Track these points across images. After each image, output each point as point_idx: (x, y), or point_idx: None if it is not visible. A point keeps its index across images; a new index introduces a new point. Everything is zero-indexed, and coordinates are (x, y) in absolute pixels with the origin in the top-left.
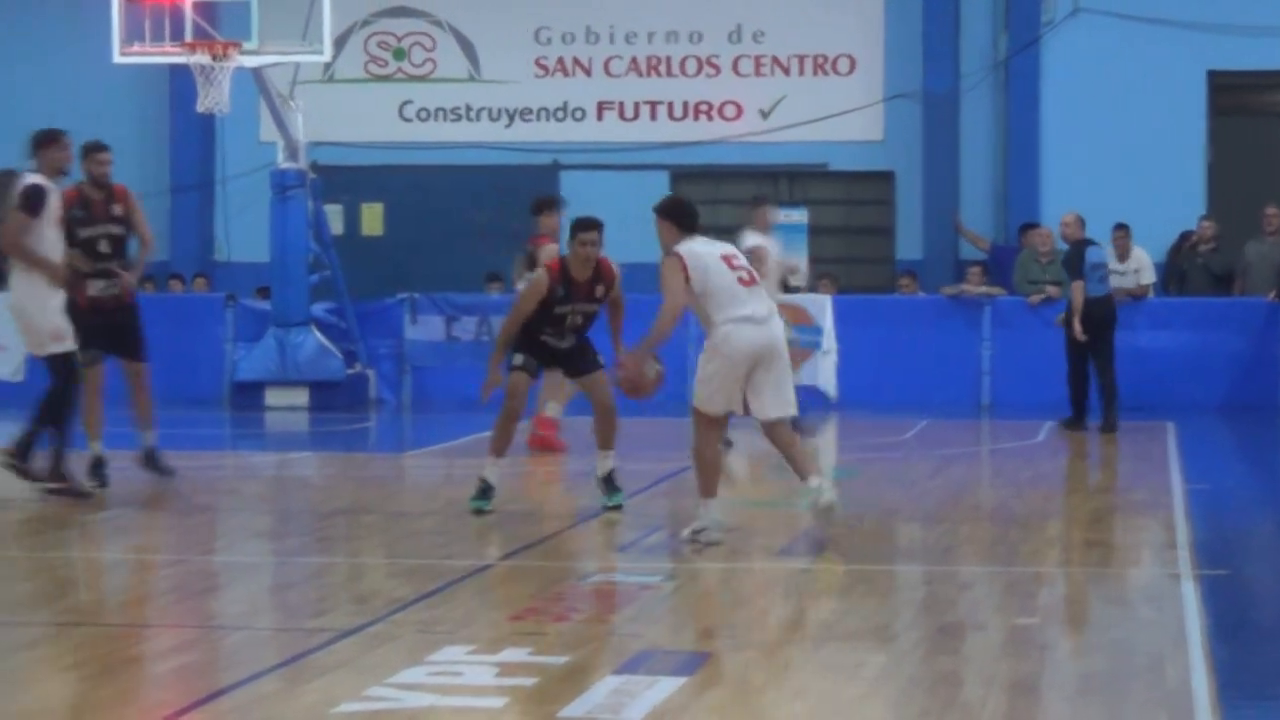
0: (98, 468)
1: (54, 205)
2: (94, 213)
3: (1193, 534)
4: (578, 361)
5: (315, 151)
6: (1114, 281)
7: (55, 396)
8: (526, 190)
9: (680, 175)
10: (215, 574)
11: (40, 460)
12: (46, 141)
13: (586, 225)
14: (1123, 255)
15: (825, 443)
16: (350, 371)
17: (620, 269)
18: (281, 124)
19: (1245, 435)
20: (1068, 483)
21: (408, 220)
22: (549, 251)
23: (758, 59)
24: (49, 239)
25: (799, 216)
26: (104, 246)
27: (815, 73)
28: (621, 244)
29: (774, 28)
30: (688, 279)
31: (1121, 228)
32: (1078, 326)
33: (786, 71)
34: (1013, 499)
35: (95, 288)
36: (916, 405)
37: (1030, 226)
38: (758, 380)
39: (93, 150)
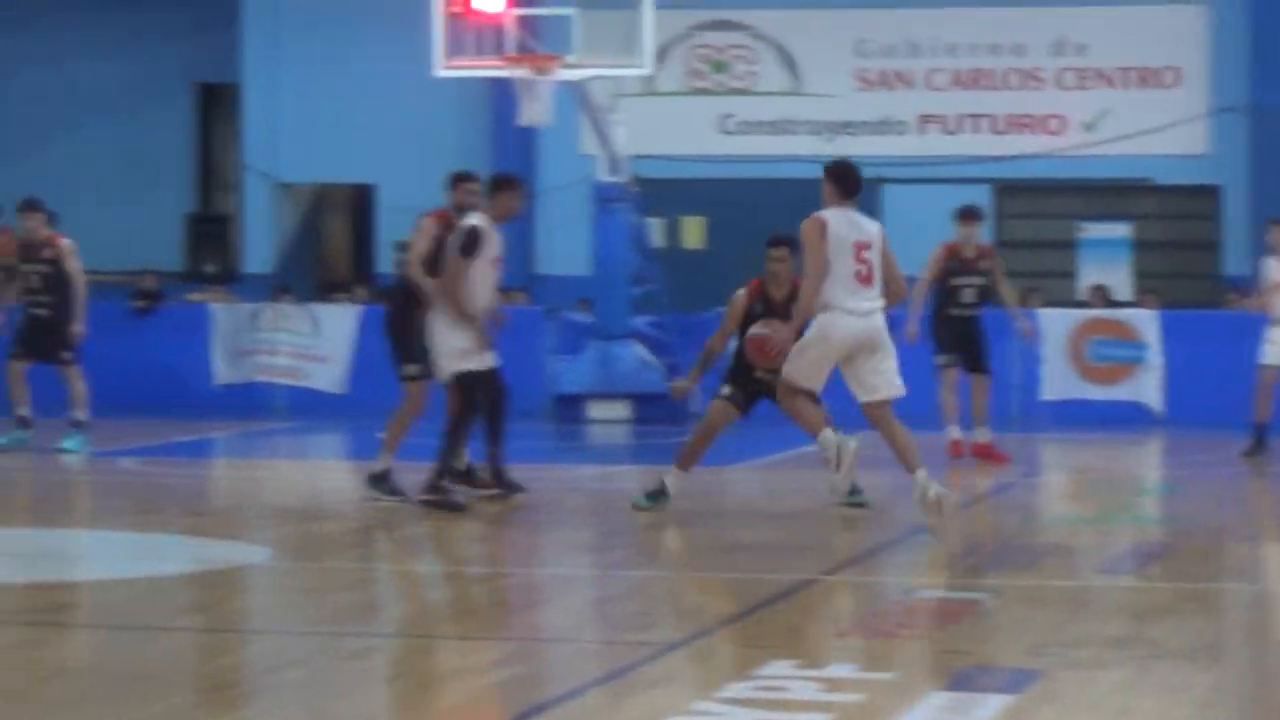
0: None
1: (491, 246)
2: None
3: None
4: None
5: (636, 164)
6: None
7: (459, 422)
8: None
9: (1002, 188)
10: (539, 587)
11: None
12: (504, 187)
13: (776, 242)
14: None
15: (1150, 458)
16: (671, 384)
17: None
18: (602, 137)
19: None
20: None
21: (729, 233)
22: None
23: (1081, 71)
24: (481, 279)
25: (1122, 231)
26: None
27: (1139, 85)
28: None
29: (1097, 40)
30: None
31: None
32: None
33: (1110, 84)
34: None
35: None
36: (1245, 421)
37: None
38: (858, 365)
39: (462, 180)
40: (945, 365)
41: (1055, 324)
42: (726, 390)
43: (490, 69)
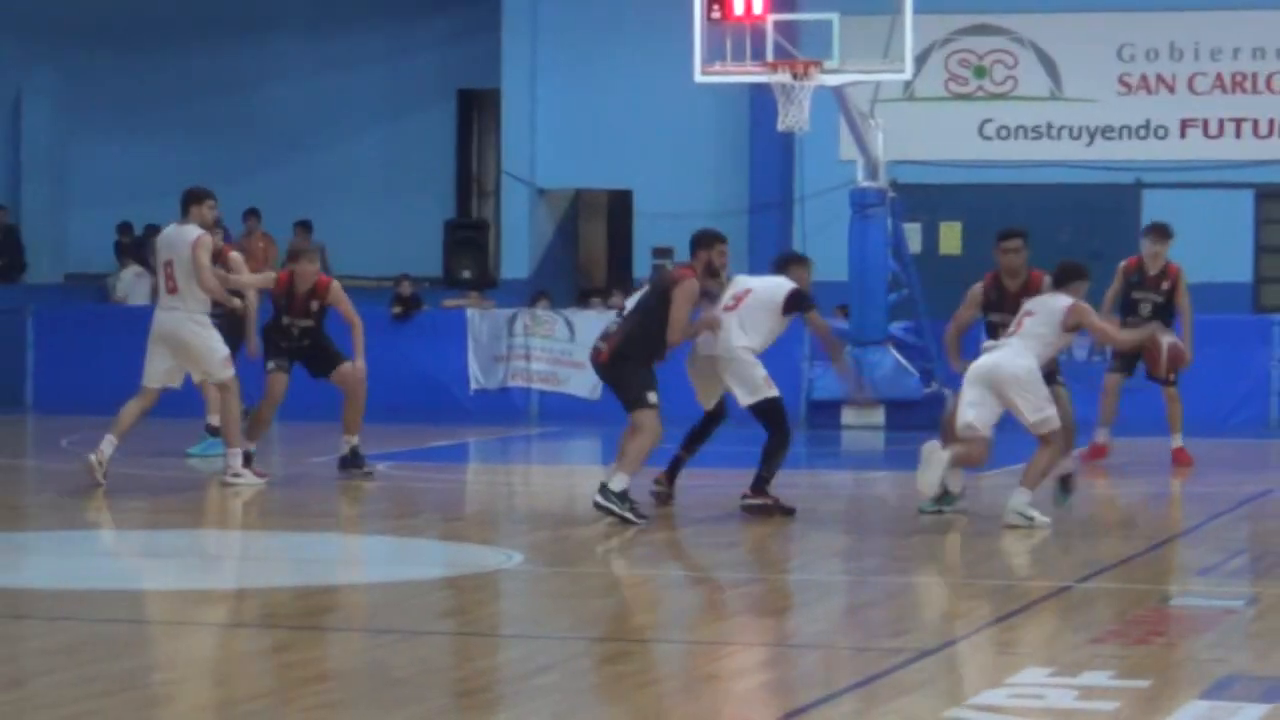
0: None
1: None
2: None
3: None
4: None
5: (894, 169)
6: None
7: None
8: (1108, 210)
9: (1266, 194)
10: (792, 592)
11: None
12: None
13: (1009, 235)
14: None
15: None
16: (927, 390)
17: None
18: (861, 142)
19: None
20: None
21: (986, 239)
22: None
23: None
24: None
25: None
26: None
27: None
28: (1202, 262)
29: None
30: None
31: None
32: None
33: None
34: None
35: None
36: None
37: None
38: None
39: (718, 240)
40: (1110, 372)
41: None
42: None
43: (749, 75)
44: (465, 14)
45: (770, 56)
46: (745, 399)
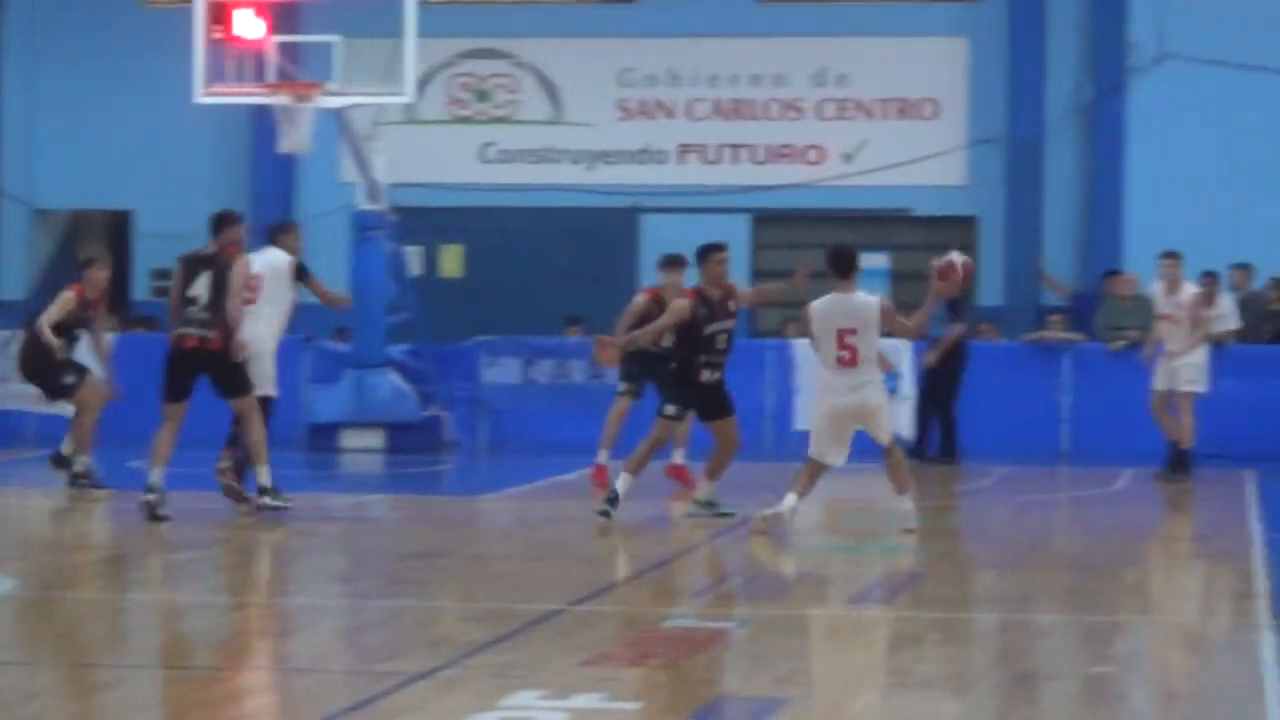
0: None
1: None
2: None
3: (1272, 583)
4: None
5: (396, 192)
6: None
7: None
8: (606, 234)
9: (762, 219)
10: (289, 616)
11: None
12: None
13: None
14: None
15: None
16: (426, 413)
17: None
18: (362, 165)
19: None
20: (1146, 530)
21: (488, 262)
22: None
23: (841, 103)
24: None
25: (880, 261)
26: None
27: (899, 116)
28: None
29: (858, 71)
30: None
31: (1171, 256)
32: None
33: (870, 115)
34: (1090, 546)
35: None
36: (995, 452)
37: (1113, 273)
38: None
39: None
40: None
41: (810, 354)
42: (671, 410)
43: (250, 97)
44: None
45: (272, 78)
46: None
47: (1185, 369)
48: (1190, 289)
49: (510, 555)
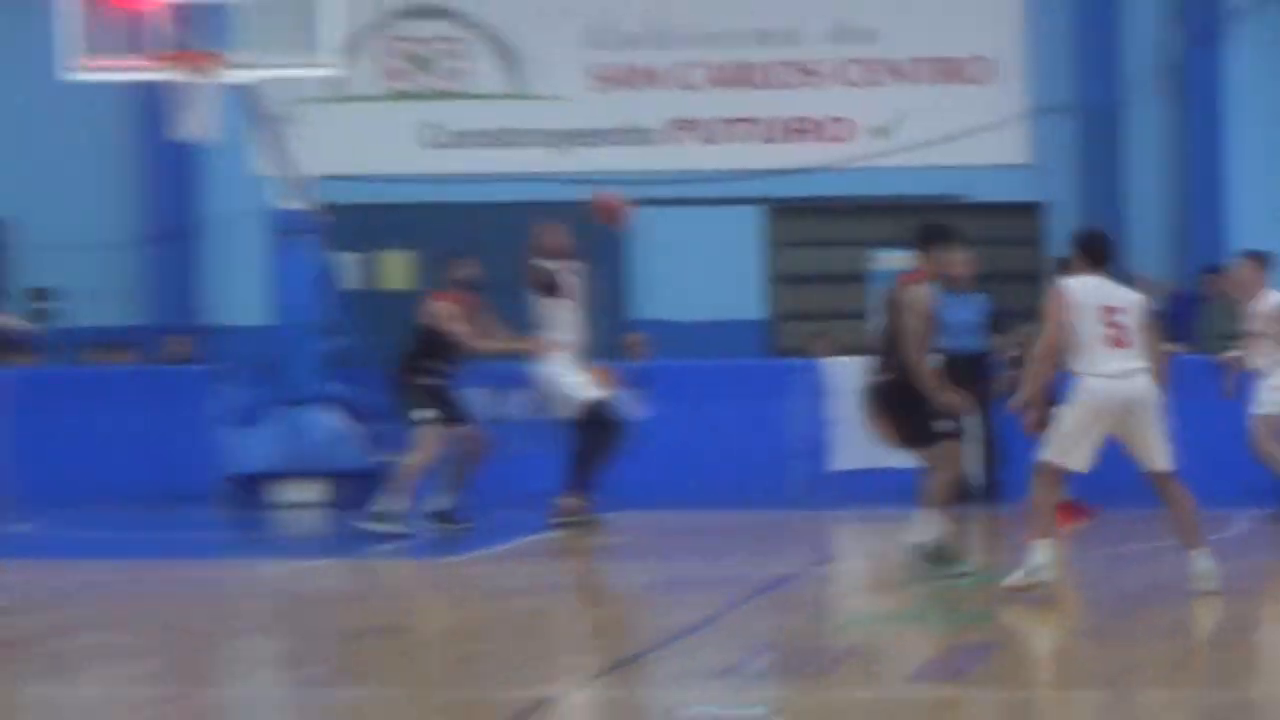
0: None
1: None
2: None
3: None
4: None
5: (324, 187)
6: None
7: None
8: (586, 231)
9: (778, 210)
10: (220, 709)
11: None
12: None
13: None
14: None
15: (966, 538)
16: (375, 459)
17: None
18: (279, 155)
19: None
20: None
21: (442, 270)
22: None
23: (869, 64)
24: None
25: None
26: None
27: (942, 80)
28: (707, 298)
29: (888, 25)
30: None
31: (1254, 257)
32: None
33: (905, 79)
34: (1203, 608)
35: None
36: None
37: (1214, 269)
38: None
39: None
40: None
41: (844, 376)
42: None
43: (133, 71)
44: None
45: (162, 47)
46: None
47: (1269, 392)
48: (1274, 297)
49: (485, 631)
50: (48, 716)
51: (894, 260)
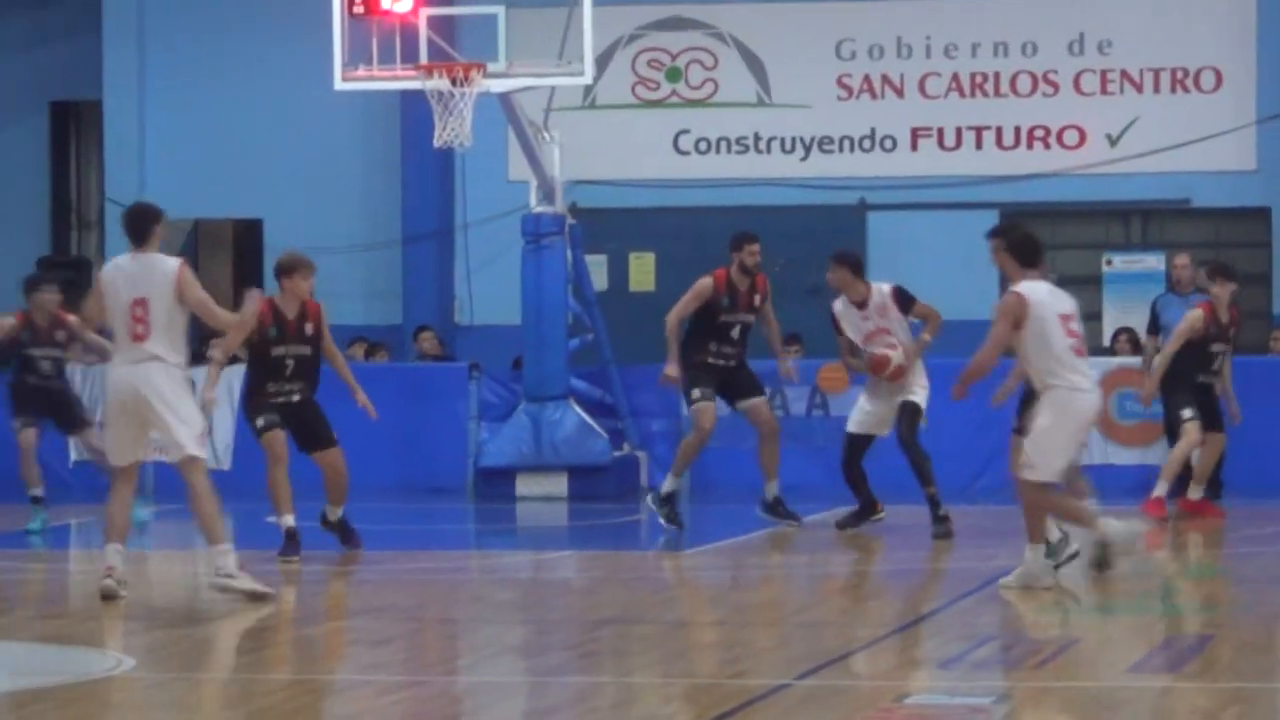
0: None
1: None
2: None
3: None
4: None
5: (574, 192)
6: None
7: None
8: (827, 235)
9: (1012, 214)
10: (460, 697)
11: None
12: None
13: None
14: None
15: (1188, 534)
16: (617, 454)
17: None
18: (534, 160)
19: None
20: None
21: (684, 272)
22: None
23: (1104, 74)
24: None
25: (1155, 262)
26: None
27: (1174, 90)
28: (941, 296)
29: (1123, 36)
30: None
31: None
32: None
33: (1139, 88)
34: None
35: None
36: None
37: None
38: None
39: (746, 241)
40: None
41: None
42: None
43: (399, 81)
44: (58, 12)
45: (424, 59)
46: None
47: None
48: None
49: (720, 621)
50: (298, 700)
51: (1126, 263)
